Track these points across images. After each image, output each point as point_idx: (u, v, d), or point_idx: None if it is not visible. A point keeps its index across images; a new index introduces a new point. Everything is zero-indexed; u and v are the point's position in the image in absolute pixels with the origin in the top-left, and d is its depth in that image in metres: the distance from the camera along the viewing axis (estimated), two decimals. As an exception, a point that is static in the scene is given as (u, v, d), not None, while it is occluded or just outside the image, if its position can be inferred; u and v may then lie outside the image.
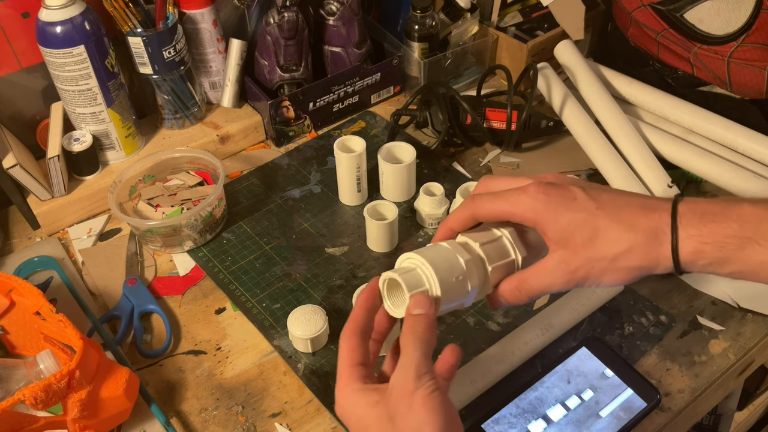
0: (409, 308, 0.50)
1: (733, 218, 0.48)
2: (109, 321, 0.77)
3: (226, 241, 0.86)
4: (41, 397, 0.58)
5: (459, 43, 1.04)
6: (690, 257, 0.49)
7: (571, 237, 0.50)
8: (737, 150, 0.87)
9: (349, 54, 1.00)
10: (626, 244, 0.49)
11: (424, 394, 0.46)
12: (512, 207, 0.52)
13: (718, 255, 0.48)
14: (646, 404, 0.66)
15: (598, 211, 0.50)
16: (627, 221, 0.50)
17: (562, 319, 0.73)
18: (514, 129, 0.93)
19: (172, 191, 0.89)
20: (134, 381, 0.67)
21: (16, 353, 0.73)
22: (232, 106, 1.01)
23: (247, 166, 0.97)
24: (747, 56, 0.87)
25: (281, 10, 0.93)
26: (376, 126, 1.03)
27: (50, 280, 0.80)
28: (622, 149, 0.87)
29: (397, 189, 0.89)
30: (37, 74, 0.89)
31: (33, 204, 0.87)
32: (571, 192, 0.51)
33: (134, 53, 0.89)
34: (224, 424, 0.68)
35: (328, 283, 0.80)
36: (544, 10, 1.03)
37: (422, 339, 0.49)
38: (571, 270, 0.51)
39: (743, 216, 0.48)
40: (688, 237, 0.48)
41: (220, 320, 0.77)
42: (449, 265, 0.52)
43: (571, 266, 0.51)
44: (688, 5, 0.88)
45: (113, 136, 0.91)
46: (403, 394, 0.46)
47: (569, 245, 0.50)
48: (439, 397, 0.46)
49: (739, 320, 0.75)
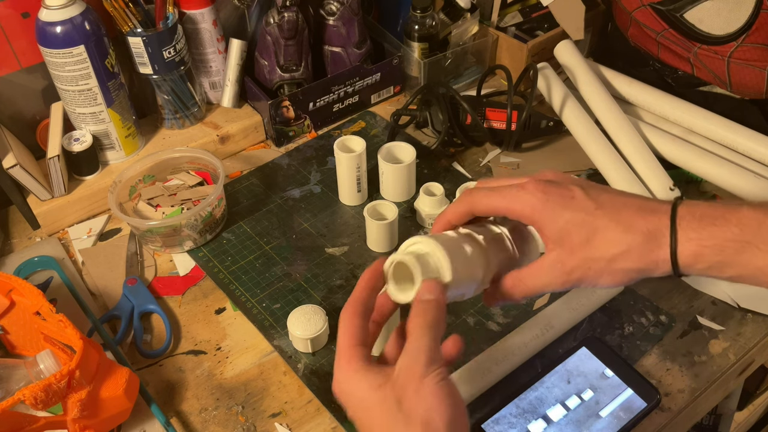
0: (420, 293, 0.49)
1: (732, 222, 0.47)
2: (109, 321, 0.77)
3: (226, 241, 0.86)
4: (41, 397, 0.58)
5: (459, 43, 1.04)
6: (689, 260, 0.48)
7: (568, 236, 0.50)
8: (737, 150, 0.87)
9: (349, 54, 1.00)
10: (624, 246, 0.49)
11: (434, 381, 0.45)
12: (510, 203, 0.51)
13: (717, 258, 0.48)
14: (646, 404, 0.66)
15: (596, 211, 0.50)
16: (626, 222, 0.49)
17: (562, 319, 0.72)
18: (514, 129, 0.93)
19: (172, 191, 0.89)
20: (134, 381, 0.67)
21: (16, 353, 0.73)
22: (232, 106, 1.01)
23: (247, 166, 0.97)
24: (747, 56, 0.87)
25: (281, 10, 0.93)
26: (376, 126, 1.03)
27: (50, 280, 0.80)
28: (622, 149, 0.87)
29: (397, 189, 0.89)
30: (37, 74, 0.89)
31: (33, 204, 0.87)
32: (570, 191, 0.51)
33: (134, 53, 0.89)
34: (224, 424, 0.68)
35: (328, 283, 0.80)
36: (544, 10, 1.03)
37: (432, 325, 0.48)
38: (567, 270, 0.51)
39: (743, 220, 0.47)
40: (687, 240, 0.48)
41: (220, 320, 0.77)
42: (458, 253, 0.51)
43: (567, 266, 0.50)
44: (688, 5, 0.88)
45: (113, 136, 0.91)
46: (411, 378, 0.45)
47: (566, 245, 0.50)
48: (449, 385, 0.45)
49: (739, 320, 0.75)
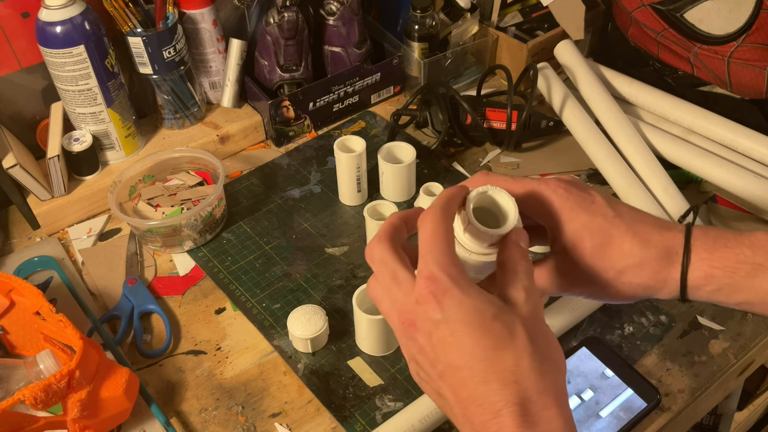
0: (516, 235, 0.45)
1: (745, 244, 0.47)
2: (109, 321, 0.77)
3: (226, 241, 0.86)
4: (41, 397, 0.58)
5: (459, 43, 1.04)
6: (698, 281, 0.48)
7: (581, 241, 0.49)
8: (737, 150, 0.87)
9: (349, 54, 1.00)
10: (637, 258, 0.48)
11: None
12: (529, 193, 0.50)
13: (728, 281, 0.47)
14: (646, 404, 0.66)
15: (615, 219, 0.49)
16: (642, 235, 0.48)
17: (562, 319, 0.72)
18: (514, 129, 0.93)
19: (172, 191, 0.89)
20: (134, 381, 0.67)
21: (16, 353, 0.73)
22: (232, 106, 1.01)
23: (247, 166, 0.97)
24: (747, 56, 0.87)
25: (281, 10, 0.93)
26: (376, 126, 1.03)
27: (50, 280, 0.80)
28: (622, 149, 0.87)
29: (397, 189, 0.89)
30: (37, 74, 0.89)
31: (33, 204, 0.87)
32: (590, 195, 0.50)
33: (134, 53, 0.89)
34: (224, 424, 0.68)
35: (328, 283, 0.80)
36: (544, 10, 1.03)
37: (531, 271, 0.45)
38: (570, 277, 0.50)
39: (756, 242, 0.47)
40: (699, 260, 0.47)
41: (220, 320, 0.77)
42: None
43: (572, 273, 0.50)
44: (688, 5, 0.88)
45: (113, 136, 0.91)
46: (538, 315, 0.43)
47: (576, 250, 0.49)
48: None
49: (739, 320, 0.75)
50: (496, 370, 0.40)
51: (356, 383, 0.70)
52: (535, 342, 0.41)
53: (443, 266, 0.41)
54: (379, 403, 0.68)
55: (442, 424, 0.65)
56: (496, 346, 0.40)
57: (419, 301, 0.42)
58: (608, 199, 0.50)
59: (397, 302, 0.43)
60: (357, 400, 0.69)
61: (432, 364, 0.42)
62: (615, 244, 0.48)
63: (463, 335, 0.40)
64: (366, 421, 0.67)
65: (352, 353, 0.73)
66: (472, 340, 0.40)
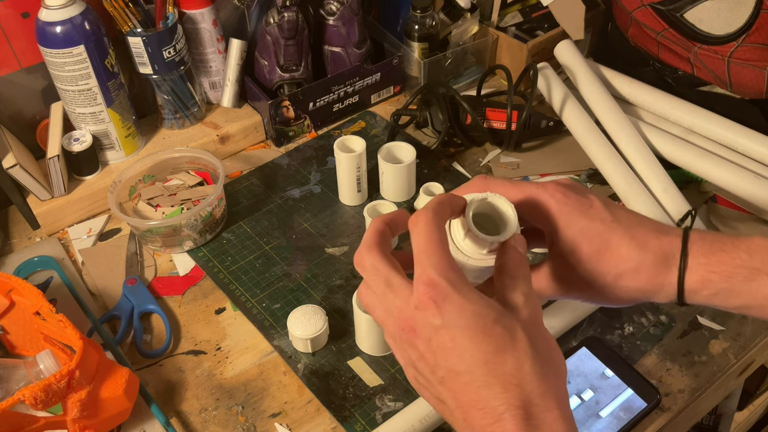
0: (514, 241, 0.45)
1: (742, 248, 0.47)
2: (109, 321, 0.77)
3: (226, 241, 0.86)
4: (41, 397, 0.58)
5: (459, 43, 1.04)
6: (695, 285, 0.48)
7: (579, 246, 0.49)
8: (737, 150, 0.87)
9: (349, 54, 1.00)
10: (634, 263, 0.48)
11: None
12: (527, 197, 0.50)
13: (725, 286, 0.47)
14: (646, 404, 0.66)
15: (613, 223, 0.49)
16: (640, 239, 0.48)
17: (562, 319, 0.72)
18: (514, 129, 0.93)
19: (172, 191, 0.89)
20: (134, 381, 0.67)
21: (16, 353, 0.73)
22: (232, 106, 1.01)
23: (247, 166, 0.97)
24: (747, 56, 0.87)
25: (281, 10, 0.93)
26: (376, 126, 1.03)
27: (50, 280, 0.80)
28: (622, 149, 0.87)
29: (397, 189, 0.89)
30: (37, 74, 0.89)
31: (33, 204, 0.87)
32: (589, 200, 0.50)
33: (134, 53, 0.89)
34: (224, 424, 0.68)
35: (328, 283, 0.80)
36: (544, 10, 1.03)
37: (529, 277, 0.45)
38: (567, 281, 0.50)
39: (753, 247, 0.47)
40: (696, 264, 0.47)
41: (220, 320, 0.77)
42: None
43: (569, 277, 0.50)
44: (688, 5, 0.88)
45: (113, 136, 0.91)
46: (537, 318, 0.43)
47: (574, 254, 0.49)
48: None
49: (739, 320, 0.75)
50: (497, 374, 0.40)
51: (356, 383, 0.70)
52: (535, 345, 0.41)
53: (442, 271, 0.41)
54: (379, 403, 0.68)
55: (442, 425, 0.65)
56: (497, 350, 0.40)
57: (419, 306, 0.41)
58: (606, 202, 0.50)
59: (394, 309, 0.43)
60: (357, 400, 0.69)
61: (432, 370, 0.42)
62: (613, 249, 0.48)
63: (463, 340, 0.40)
64: (366, 421, 0.67)
65: (352, 353, 0.73)
66: (473, 344, 0.40)
